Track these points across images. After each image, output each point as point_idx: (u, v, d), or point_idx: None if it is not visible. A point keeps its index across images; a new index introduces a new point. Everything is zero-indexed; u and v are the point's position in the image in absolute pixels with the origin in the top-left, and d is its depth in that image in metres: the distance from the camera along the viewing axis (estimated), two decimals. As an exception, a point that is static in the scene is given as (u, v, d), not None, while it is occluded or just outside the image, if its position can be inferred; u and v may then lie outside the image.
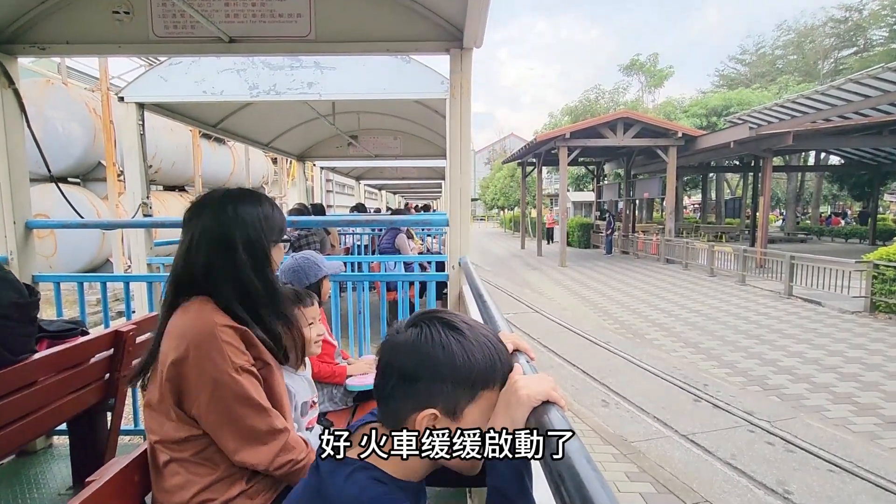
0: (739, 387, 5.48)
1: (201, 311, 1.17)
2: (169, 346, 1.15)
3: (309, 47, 2.48)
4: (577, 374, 5.93)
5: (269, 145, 6.77)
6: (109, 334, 1.99)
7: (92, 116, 7.52)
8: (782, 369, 6.00)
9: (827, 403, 5.00)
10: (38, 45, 2.43)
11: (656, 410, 4.83)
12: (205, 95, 3.85)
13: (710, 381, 5.63)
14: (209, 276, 1.21)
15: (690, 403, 5.03)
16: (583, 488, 0.51)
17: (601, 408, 4.95)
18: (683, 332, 7.76)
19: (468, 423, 0.75)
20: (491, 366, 0.76)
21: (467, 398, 0.74)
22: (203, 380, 1.12)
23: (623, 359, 6.44)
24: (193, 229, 1.24)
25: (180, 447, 1.17)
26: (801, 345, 6.96)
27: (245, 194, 1.31)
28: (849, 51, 30.47)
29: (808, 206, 33.05)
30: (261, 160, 14.59)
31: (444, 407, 0.74)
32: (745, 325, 8.14)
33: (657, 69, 35.60)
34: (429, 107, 5.59)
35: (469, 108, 2.54)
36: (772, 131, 13.68)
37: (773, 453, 4.03)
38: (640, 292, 11.37)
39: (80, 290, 2.70)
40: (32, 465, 2.20)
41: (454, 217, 2.61)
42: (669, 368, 6.02)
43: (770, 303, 9.95)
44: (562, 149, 16.38)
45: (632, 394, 5.25)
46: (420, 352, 0.75)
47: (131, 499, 1.20)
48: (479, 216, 60.81)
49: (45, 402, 1.72)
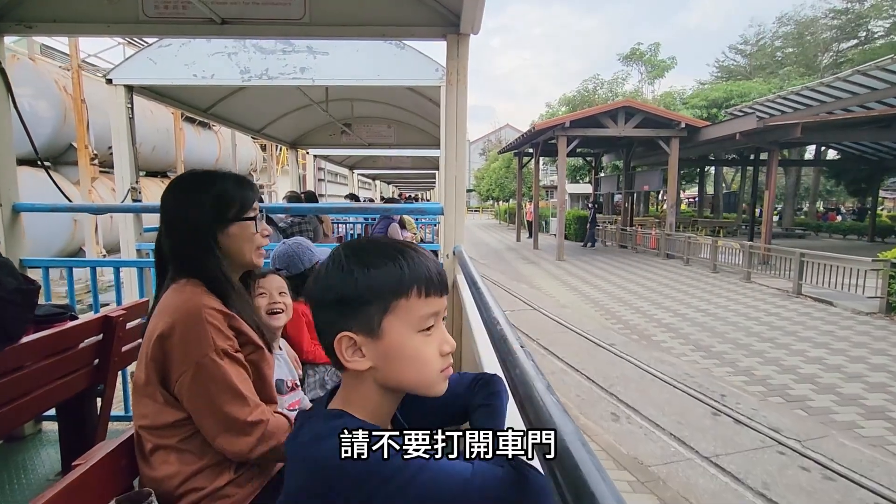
0: (760, 398, 5.19)
1: (192, 293, 1.20)
2: (156, 323, 1.17)
3: (303, 30, 2.47)
4: (582, 382, 5.61)
5: (261, 132, 6.74)
6: (99, 319, 2.00)
7: (62, 95, 7.16)
8: (803, 377, 5.73)
9: (859, 419, 4.71)
10: (25, 24, 2.41)
11: (673, 426, 4.51)
12: (195, 79, 3.83)
13: (727, 390, 5.34)
14: (176, 258, 1.27)
15: (709, 417, 4.72)
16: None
17: (611, 422, 4.63)
18: (692, 334, 7.53)
19: (393, 338, 0.75)
20: (397, 273, 0.75)
21: (380, 311, 0.74)
22: (186, 360, 1.14)
23: (631, 364, 6.14)
24: (162, 213, 1.30)
25: (166, 433, 1.18)
26: (819, 349, 6.72)
27: (195, 178, 1.33)
28: (849, 43, 30.56)
29: (803, 202, 33.29)
30: (249, 146, 14.38)
31: (359, 327, 0.75)
32: (756, 326, 7.93)
33: (658, 59, 35.54)
34: (423, 95, 5.58)
35: (465, 95, 2.54)
36: (780, 122, 13.43)
37: (811, 481, 3.65)
38: (642, 289, 11.19)
39: (69, 274, 2.70)
40: (21, 451, 2.22)
41: (449, 205, 2.63)
42: (682, 375, 5.73)
43: (779, 302, 9.73)
44: (561, 138, 16.30)
45: (643, 405, 4.94)
46: (321, 279, 0.78)
47: (119, 483, 1.21)
48: (474, 207, 60.76)
49: (33, 387, 1.73)
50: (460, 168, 2.61)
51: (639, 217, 24.08)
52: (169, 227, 1.28)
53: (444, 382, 0.79)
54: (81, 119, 7.12)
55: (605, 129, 16.34)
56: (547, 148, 19.57)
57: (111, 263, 2.90)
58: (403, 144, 8.13)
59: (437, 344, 0.77)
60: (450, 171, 2.60)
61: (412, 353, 0.75)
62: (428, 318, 0.76)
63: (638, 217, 23.90)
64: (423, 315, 0.76)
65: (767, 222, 13.84)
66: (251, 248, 1.33)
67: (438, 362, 0.77)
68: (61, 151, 7.57)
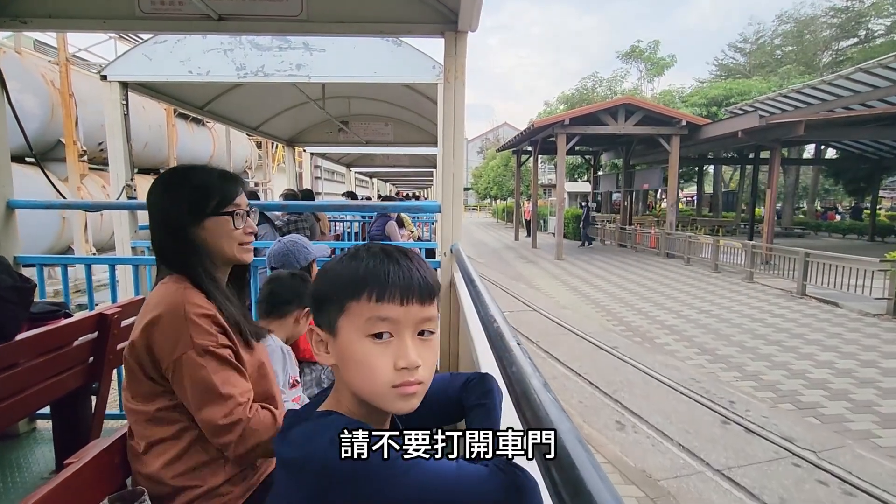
0: (770, 404, 5.02)
1: (175, 289, 1.20)
2: (140, 319, 1.19)
3: (300, 27, 2.48)
4: (585, 388, 5.42)
5: (257, 129, 6.74)
6: (94, 317, 2.00)
7: (50, 90, 6.96)
8: (814, 383, 5.54)
9: (874, 427, 4.54)
10: (20, 19, 2.40)
11: (681, 436, 4.33)
12: (190, 76, 3.83)
13: (735, 396, 5.17)
14: (158, 254, 1.28)
15: (719, 426, 4.54)
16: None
17: (616, 432, 4.46)
18: (696, 336, 7.39)
19: (344, 339, 0.75)
20: (355, 273, 0.75)
21: (337, 310, 0.75)
22: (168, 356, 1.14)
23: (634, 368, 5.98)
24: (147, 208, 1.31)
25: (157, 428, 1.18)
26: (828, 352, 6.57)
27: (172, 174, 1.33)
28: (849, 41, 30.62)
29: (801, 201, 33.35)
30: (244, 143, 14.20)
31: (323, 323, 0.78)
32: (761, 328, 7.79)
33: (658, 57, 35.56)
34: (420, 92, 5.59)
35: (463, 92, 2.54)
36: (783, 120, 13.33)
37: (830, 496, 3.48)
38: (643, 289, 11.12)
39: (63, 272, 2.70)
40: (14, 449, 2.22)
41: (446, 203, 2.63)
42: (687, 380, 5.57)
43: (783, 303, 9.64)
44: (560, 136, 16.25)
45: (649, 413, 4.78)
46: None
47: (112, 481, 1.21)
48: (471, 206, 60.76)
49: (28, 385, 1.73)
50: (458, 166, 2.61)
51: (637, 216, 24.10)
52: (151, 221, 1.29)
53: (400, 401, 0.74)
54: (70, 114, 6.95)
55: (605, 126, 16.30)
56: (546, 146, 19.56)
57: (106, 261, 2.89)
58: (401, 142, 8.14)
59: (391, 355, 0.73)
60: (448, 169, 2.60)
61: (358, 357, 0.73)
62: (377, 324, 0.73)
63: (637, 216, 23.92)
64: (371, 319, 0.73)
65: (769, 222, 13.69)
66: (231, 243, 1.30)
67: (390, 376, 0.73)
68: (49, 147, 7.37)
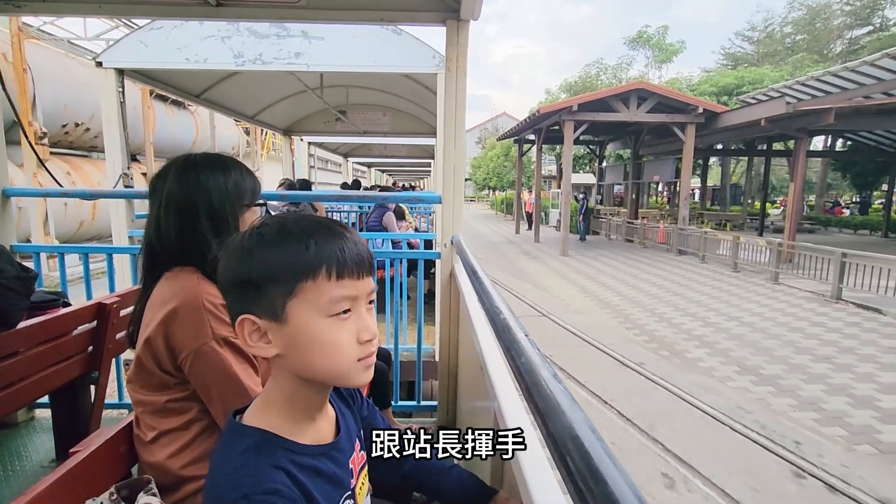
0: (844, 446, 4.15)
1: (188, 280, 1.21)
2: (153, 314, 1.18)
3: (299, 14, 2.49)
4: (616, 422, 4.40)
5: (254, 118, 6.76)
6: (93, 306, 2.04)
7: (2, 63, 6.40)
8: (888, 415, 4.67)
9: None
10: (13, 3, 2.42)
11: (747, 495, 3.35)
12: (187, 63, 3.84)
13: (799, 434, 4.22)
14: (183, 245, 1.25)
15: (791, 480, 3.59)
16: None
17: (665, 490, 3.43)
18: (731, 350, 6.63)
19: (299, 323, 0.71)
20: (302, 253, 0.71)
21: (284, 294, 0.71)
22: (186, 347, 1.16)
23: (668, 392, 5.07)
24: (161, 198, 1.27)
25: (166, 419, 1.20)
26: (889, 372, 5.75)
27: (210, 159, 1.33)
28: (863, 30, 30.51)
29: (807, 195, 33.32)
30: (230, 129, 13.68)
31: (262, 311, 0.72)
32: (803, 340, 6.99)
33: (667, 43, 35.36)
34: (419, 82, 5.59)
35: (464, 82, 2.56)
36: (811, 107, 12.63)
37: None
38: (659, 290, 10.49)
39: (60, 260, 2.74)
40: (13, 438, 2.27)
41: (447, 194, 2.66)
42: (735, 410, 4.66)
43: (819, 308, 8.89)
44: (567, 123, 15.76)
45: (700, 460, 3.78)
46: (223, 259, 0.76)
47: (117, 470, 1.23)
48: (469, 197, 60.71)
49: (27, 374, 1.77)
50: (459, 156, 2.63)
51: (642, 209, 24.03)
52: (178, 210, 1.26)
53: (364, 372, 0.75)
54: (24, 91, 6.39)
55: (616, 113, 15.75)
56: (550, 135, 19.26)
57: (105, 249, 2.93)
58: (399, 132, 8.15)
59: (353, 330, 0.73)
60: (448, 160, 2.62)
61: (322, 338, 0.71)
62: (340, 302, 0.72)
63: (643, 209, 23.84)
64: (334, 298, 0.71)
65: (792, 217, 13.34)
66: None
67: (355, 350, 0.73)
68: (6, 129, 7.05)
